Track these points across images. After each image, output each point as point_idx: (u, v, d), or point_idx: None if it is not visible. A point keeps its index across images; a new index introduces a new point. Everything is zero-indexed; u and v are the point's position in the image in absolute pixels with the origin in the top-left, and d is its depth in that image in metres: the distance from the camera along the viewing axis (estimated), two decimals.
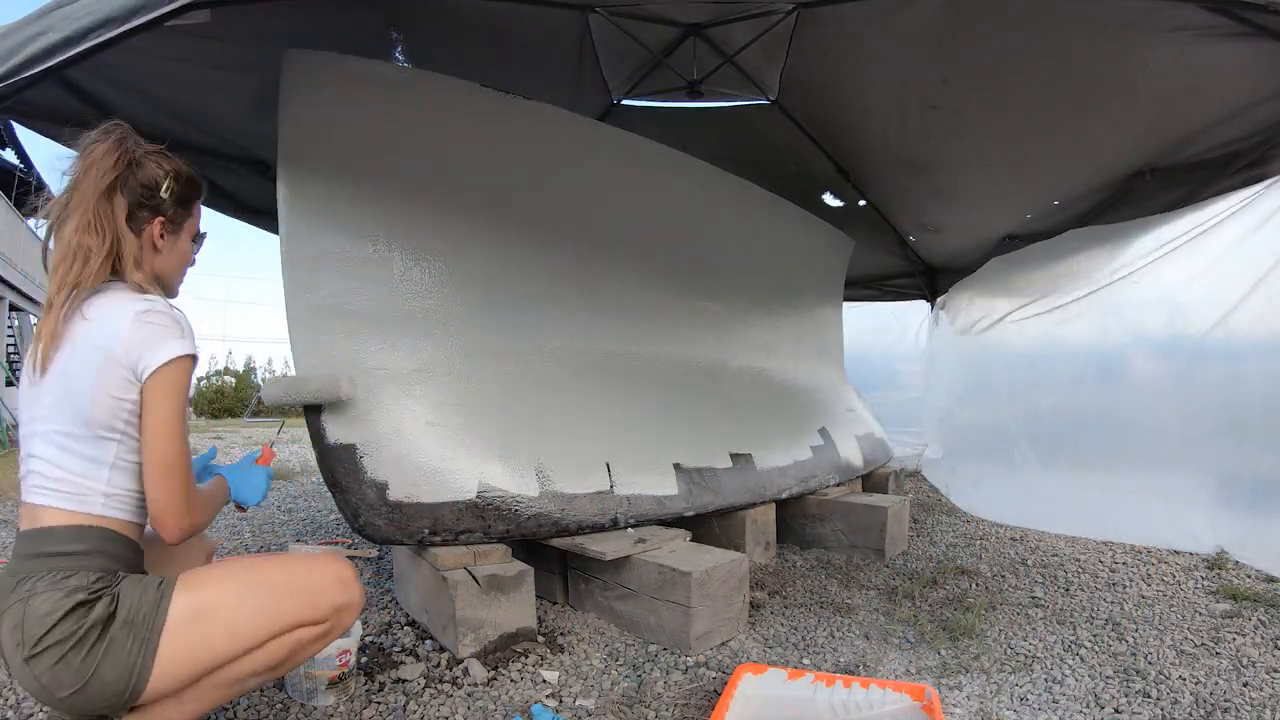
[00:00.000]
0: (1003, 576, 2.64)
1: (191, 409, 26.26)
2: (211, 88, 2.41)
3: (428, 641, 1.90)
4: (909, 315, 5.69)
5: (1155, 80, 2.45)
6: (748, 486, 2.85)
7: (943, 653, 1.89)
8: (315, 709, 1.52)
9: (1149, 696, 1.64)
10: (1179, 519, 3.08)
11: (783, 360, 3.86)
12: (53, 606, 1.03)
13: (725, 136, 3.71)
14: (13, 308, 13.74)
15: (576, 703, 1.60)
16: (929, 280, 5.21)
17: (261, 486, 1.41)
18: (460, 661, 1.75)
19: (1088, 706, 1.59)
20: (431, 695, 1.61)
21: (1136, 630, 2.06)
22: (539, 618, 2.00)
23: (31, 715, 1.48)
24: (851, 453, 3.72)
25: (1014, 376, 4.20)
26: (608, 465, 2.38)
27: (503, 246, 2.44)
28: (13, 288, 13.01)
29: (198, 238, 1.33)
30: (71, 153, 1.18)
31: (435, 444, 2.05)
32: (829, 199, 4.18)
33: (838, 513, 3.03)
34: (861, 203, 4.19)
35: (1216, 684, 1.71)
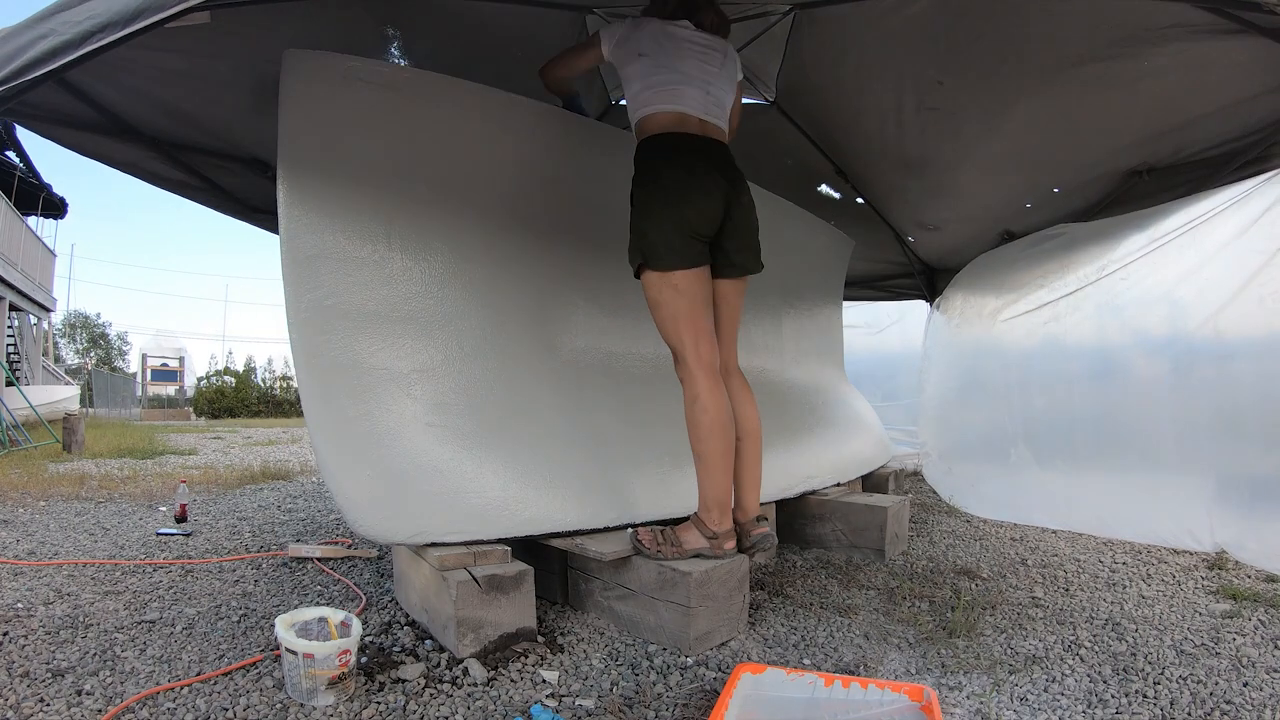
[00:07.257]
0: (1003, 576, 2.64)
1: (191, 409, 26.25)
2: (211, 87, 2.41)
3: (428, 641, 1.90)
4: (915, 316, 5.69)
5: (1151, 79, 2.45)
6: None
7: (943, 653, 1.90)
8: (314, 709, 1.52)
9: (1148, 696, 1.64)
10: (1178, 516, 3.08)
11: (783, 360, 3.86)
12: None
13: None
14: (13, 308, 13.73)
15: (576, 703, 1.60)
16: (928, 280, 5.21)
17: None
18: (460, 661, 1.76)
19: (1088, 706, 1.59)
20: (431, 695, 1.61)
21: (1136, 630, 2.07)
22: (539, 618, 2.00)
23: (31, 716, 1.48)
24: (852, 452, 3.72)
25: (1009, 375, 4.20)
26: (608, 465, 2.38)
27: (502, 245, 2.44)
28: (13, 287, 13.00)
29: None
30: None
31: (435, 444, 2.06)
32: (825, 190, 4.18)
33: (838, 513, 3.03)
34: (859, 200, 4.19)
35: (1216, 684, 1.71)
